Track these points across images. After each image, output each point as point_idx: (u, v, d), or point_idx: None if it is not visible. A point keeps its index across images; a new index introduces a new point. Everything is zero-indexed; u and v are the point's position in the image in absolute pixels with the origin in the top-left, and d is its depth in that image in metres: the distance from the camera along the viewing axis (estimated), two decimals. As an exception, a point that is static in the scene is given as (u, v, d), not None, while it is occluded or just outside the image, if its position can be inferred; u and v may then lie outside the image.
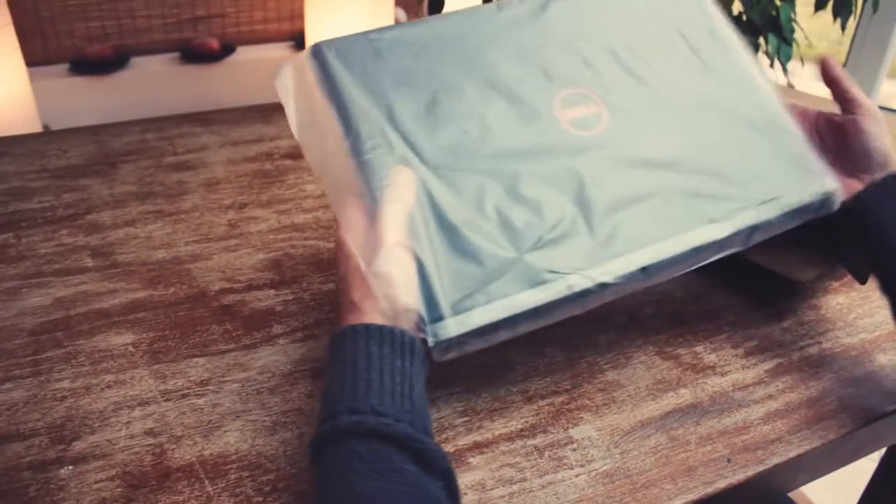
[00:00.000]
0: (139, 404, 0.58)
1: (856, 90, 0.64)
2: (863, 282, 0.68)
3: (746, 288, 0.75)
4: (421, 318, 0.49)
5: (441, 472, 0.44)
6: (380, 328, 0.47)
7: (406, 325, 0.48)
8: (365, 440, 0.43)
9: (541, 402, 0.59)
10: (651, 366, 0.64)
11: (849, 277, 0.76)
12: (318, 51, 0.56)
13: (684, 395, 0.61)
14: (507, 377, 0.62)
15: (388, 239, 0.49)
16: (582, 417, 0.58)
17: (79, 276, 0.73)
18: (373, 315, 0.48)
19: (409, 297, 0.48)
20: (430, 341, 0.49)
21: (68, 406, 0.57)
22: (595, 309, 0.70)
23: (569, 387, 0.61)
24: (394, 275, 0.48)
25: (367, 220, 0.51)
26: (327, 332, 0.66)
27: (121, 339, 0.64)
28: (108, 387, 0.59)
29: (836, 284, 0.77)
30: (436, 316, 0.49)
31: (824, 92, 0.69)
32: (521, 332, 0.52)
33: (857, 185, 0.62)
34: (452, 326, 0.49)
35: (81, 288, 0.71)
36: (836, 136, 0.64)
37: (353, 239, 0.50)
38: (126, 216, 0.84)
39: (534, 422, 0.57)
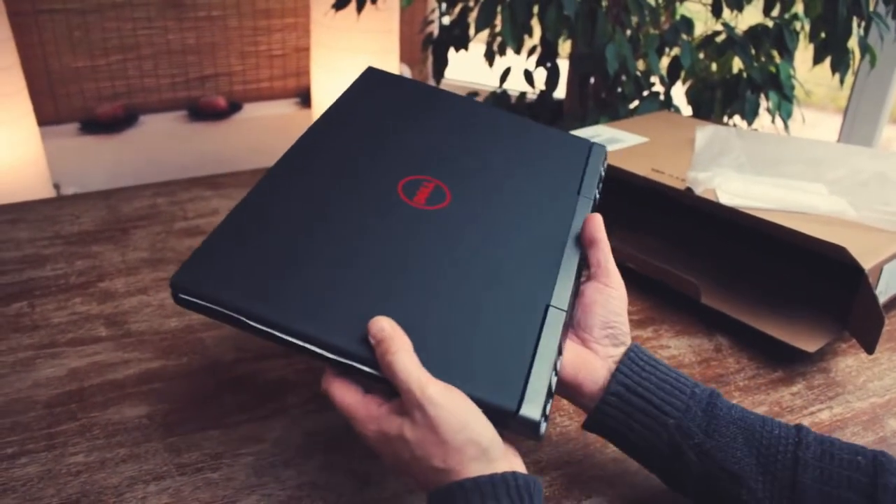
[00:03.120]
0: (154, 479, 0.58)
1: (608, 260, 0.58)
2: (870, 351, 0.69)
3: (756, 351, 0.75)
4: (516, 422, 0.46)
5: None
6: (490, 478, 0.42)
7: (499, 455, 0.44)
8: None
9: (554, 473, 0.59)
10: (663, 434, 0.64)
11: (857, 340, 0.76)
12: (174, 285, 0.50)
13: (697, 464, 0.61)
14: (520, 447, 0.61)
15: (425, 389, 0.44)
16: (595, 488, 0.58)
17: (93, 346, 0.73)
18: (468, 468, 0.43)
19: (482, 426, 0.44)
20: (536, 426, 0.46)
21: (83, 481, 0.57)
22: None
23: (581, 457, 0.61)
24: (459, 417, 0.43)
25: (370, 397, 0.48)
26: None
27: (135, 412, 0.65)
28: (123, 461, 0.59)
29: (844, 346, 0.78)
30: (515, 405, 0.46)
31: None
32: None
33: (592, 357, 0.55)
34: (532, 404, 0.46)
35: (95, 358, 0.72)
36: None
37: (379, 419, 0.46)
38: (138, 283, 0.85)
39: (547, 493, 0.57)
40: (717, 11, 1.50)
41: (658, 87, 1.59)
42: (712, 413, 0.52)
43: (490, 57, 1.84)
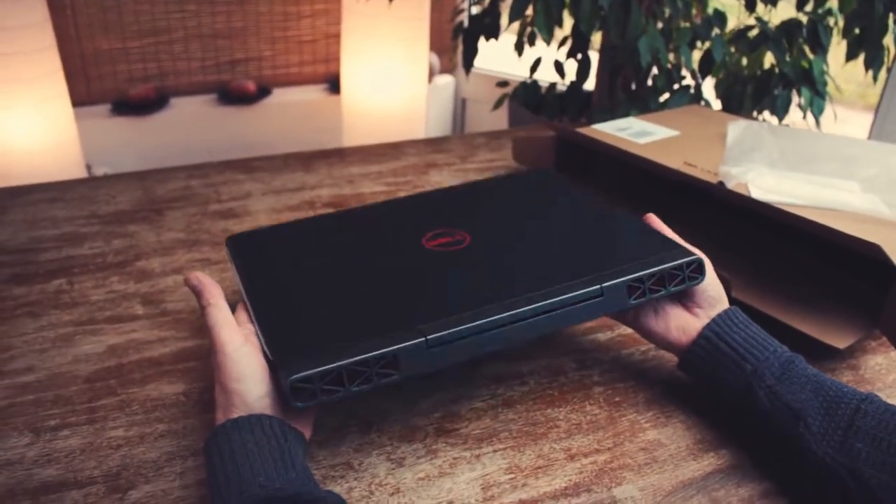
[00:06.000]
0: (192, 454, 0.59)
1: (680, 241, 0.68)
2: (903, 348, 0.69)
3: (786, 346, 0.75)
4: (280, 375, 0.52)
5: None
6: (247, 418, 0.51)
7: (266, 410, 0.53)
8: None
9: (584, 461, 0.60)
10: (691, 425, 0.65)
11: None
12: (227, 242, 0.71)
13: (725, 456, 0.62)
14: (551, 434, 0.63)
15: (222, 337, 0.54)
16: (624, 477, 0.59)
17: (130, 324, 0.75)
18: (232, 412, 0.52)
19: (255, 384, 0.53)
20: (284, 384, 0.51)
21: (123, 455, 0.59)
22: (634, 367, 0.71)
23: (611, 445, 0.62)
24: (238, 369, 0.53)
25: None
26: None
27: (172, 389, 0.66)
28: (162, 436, 0.61)
29: (874, 344, 0.78)
30: (281, 363, 0.52)
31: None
32: (381, 384, 0.53)
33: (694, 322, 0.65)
34: (299, 366, 0.51)
35: (133, 336, 0.73)
36: None
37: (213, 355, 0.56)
38: (174, 263, 0.86)
39: (577, 480, 0.58)
40: (750, 5, 1.49)
41: (689, 81, 1.58)
42: (788, 367, 0.60)
43: (520, 48, 1.83)
